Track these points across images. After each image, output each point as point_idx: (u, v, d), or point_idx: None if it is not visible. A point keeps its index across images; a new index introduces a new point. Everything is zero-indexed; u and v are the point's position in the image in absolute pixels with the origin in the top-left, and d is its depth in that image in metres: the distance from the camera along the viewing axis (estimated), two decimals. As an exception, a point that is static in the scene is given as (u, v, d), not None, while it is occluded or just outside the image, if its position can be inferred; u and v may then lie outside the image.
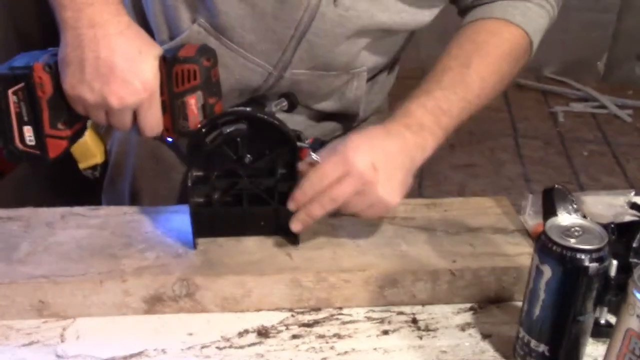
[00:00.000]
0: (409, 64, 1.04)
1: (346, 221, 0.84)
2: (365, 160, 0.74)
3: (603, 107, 3.32)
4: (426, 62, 0.99)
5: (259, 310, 0.76)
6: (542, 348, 0.65)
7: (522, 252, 0.79)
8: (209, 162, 0.79)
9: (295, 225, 0.77)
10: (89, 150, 0.79)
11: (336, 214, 0.78)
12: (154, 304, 0.75)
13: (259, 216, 0.81)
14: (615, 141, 3.04)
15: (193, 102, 0.74)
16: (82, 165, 0.80)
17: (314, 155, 0.76)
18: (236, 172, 0.80)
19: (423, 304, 0.77)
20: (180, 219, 0.83)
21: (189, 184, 0.78)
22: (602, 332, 0.69)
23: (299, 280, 0.75)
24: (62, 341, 0.71)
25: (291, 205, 0.76)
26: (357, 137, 0.76)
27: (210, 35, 0.83)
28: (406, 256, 0.79)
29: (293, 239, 0.80)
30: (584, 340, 0.66)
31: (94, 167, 0.80)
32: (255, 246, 0.80)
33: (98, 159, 0.80)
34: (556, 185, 0.83)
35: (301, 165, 0.78)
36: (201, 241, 0.80)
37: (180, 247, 0.79)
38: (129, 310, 0.75)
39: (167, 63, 0.73)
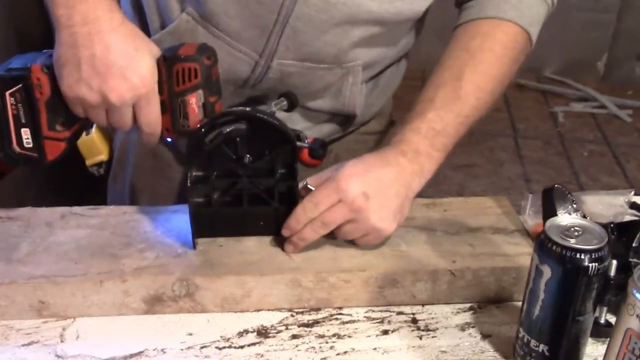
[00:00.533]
0: (409, 64, 1.04)
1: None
2: (357, 189, 0.75)
3: (603, 107, 3.32)
4: (426, 62, 0.99)
5: (258, 310, 0.76)
6: (542, 348, 0.65)
7: (522, 252, 0.79)
8: (209, 162, 0.79)
9: (287, 248, 0.79)
10: (96, 147, 0.80)
11: (335, 238, 0.80)
12: (154, 304, 0.75)
13: (259, 216, 0.81)
14: (615, 141, 3.04)
15: (194, 101, 0.74)
16: (88, 162, 0.80)
17: (309, 185, 0.78)
18: (236, 172, 0.80)
19: (423, 304, 0.77)
20: (180, 218, 0.83)
21: (189, 184, 0.78)
22: (602, 332, 0.69)
23: (298, 280, 0.75)
24: (62, 341, 0.71)
25: (285, 232, 0.78)
26: (353, 165, 0.78)
27: (198, 24, 0.83)
28: (406, 256, 0.79)
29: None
30: (583, 340, 0.66)
31: (99, 164, 0.81)
32: (255, 246, 0.80)
33: (104, 156, 0.80)
34: (556, 185, 0.83)
35: (300, 192, 0.79)
36: (201, 241, 0.80)
37: (180, 247, 0.79)
38: (129, 310, 0.75)
39: (168, 61, 0.73)
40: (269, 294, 0.75)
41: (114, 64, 0.70)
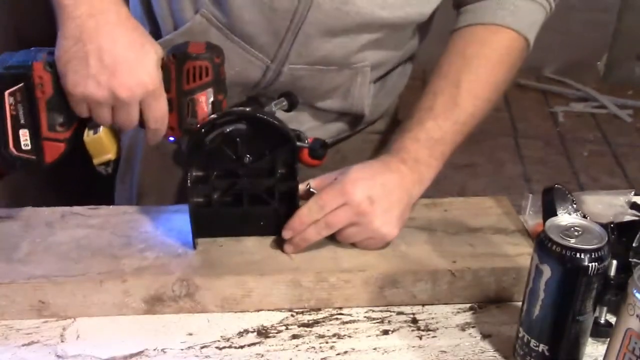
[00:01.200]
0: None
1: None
2: (363, 193, 0.76)
3: (603, 107, 3.32)
4: (427, 62, 0.99)
5: (259, 310, 0.76)
6: (542, 348, 0.65)
7: (522, 252, 0.79)
8: (209, 162, 0.79)
9: (287, 248, 0.78)
10: (104, 146, 0.77)
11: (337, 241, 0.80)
12: (154, 304, 0.75)
13: (259, 216, 0.81)
14: (615, 141, 3.04)
15: (204, 99, 0.74)
16: (96, 161, 0.78)
17: (312, 189, 0.79)
18: (236, 172, 0.80)
19: (423, 304, 0.77)
20: (180, 219, 0.82)
21: (189, 184, 0.78)
22: (602, 332, 0.69)
23: (299, 281, 0.75)
24: (62, 341, 0.71)
25: (287, 233, 0.78)
26: (357, 170, 0.78)
27: (212, 26, 0.83)
28: (406, 256, 0.79)
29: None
30: (583, 340, 0.66)
31: (107, 163, 0.79)
32: (255, 246, 0.80)
33: (112, 155, 0.78)
34: (556, 185, 0.83)
35: (303, 195, 0.79)
36: (201, 241, 0.80)
37: (180, 247, 0.79)
38: (129, 310, 0.75)
39: (178, 60, 0.72)
40: (269, 294, 0.75)
41: (122, 58, 0.69)
